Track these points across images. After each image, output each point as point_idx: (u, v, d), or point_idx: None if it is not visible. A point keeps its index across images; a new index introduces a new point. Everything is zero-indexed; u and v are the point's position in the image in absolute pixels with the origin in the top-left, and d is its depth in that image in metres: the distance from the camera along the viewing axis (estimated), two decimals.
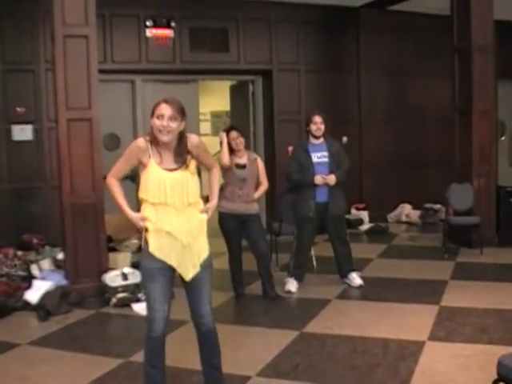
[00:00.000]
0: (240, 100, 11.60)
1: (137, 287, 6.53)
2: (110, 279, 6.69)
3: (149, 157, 3.84)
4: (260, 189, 6.73)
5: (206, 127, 14.66)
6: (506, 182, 10.45)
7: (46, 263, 7.29)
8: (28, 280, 6.87)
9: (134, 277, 6.63)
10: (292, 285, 6.98)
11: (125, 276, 6.71)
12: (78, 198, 6.78)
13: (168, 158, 3.86)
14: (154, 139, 3.85)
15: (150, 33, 9.69)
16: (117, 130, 9.80)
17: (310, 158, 6.85)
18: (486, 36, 8.85)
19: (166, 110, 3.76)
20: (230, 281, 6.82)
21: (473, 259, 8.29)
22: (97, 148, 6.86)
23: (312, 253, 7.67)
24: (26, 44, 8.87)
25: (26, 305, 6.41)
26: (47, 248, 7.84)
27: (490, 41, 8.90)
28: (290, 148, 8.31)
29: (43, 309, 6.21)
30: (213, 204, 4.12)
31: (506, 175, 11.70)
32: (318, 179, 6.76)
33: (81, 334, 5.79)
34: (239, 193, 6.55)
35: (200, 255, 3.92)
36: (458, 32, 9.01)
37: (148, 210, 3.87)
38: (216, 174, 4.25)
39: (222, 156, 6.44)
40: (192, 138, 3.94)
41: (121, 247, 7.81)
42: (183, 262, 3.86)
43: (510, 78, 12.17)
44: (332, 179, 6.78)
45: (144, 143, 3.87)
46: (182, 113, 3.82)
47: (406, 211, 11.40)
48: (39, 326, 6.02)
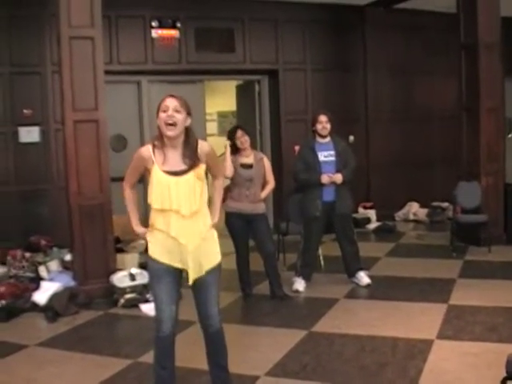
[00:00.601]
0: (246, 100, 11.60)
1: (145, 288, 6.53)
2: (117, 280, 6.70)
3: (152, 163, 3.84)
4: (267, 188, 6.71)
5: (212, 127, 14.68)
6: None
7: (53, 264, 7.30)
8: (36, 281, 6.89)
9: (142, 277, 6.64)
10: (300, 284, 6.98)
11: (133, 277, 6.72)
12: (85, 199, 6.78)
13: (175, 158, 3.85)
14: (160, 139, 3.86)
15: (155, 33, 9.70)
16: (123, 131, 9.82)
17: (317, 157, 6.84)
18: (493, 33, 8.81)
19: (170, 102, 3.82)
20: (237, 281, 6.82)
21: (481, 257, 8.27)
22: (104, 149, 6.86)
23: (319, 252, 7.67)
24: (32, 46, 8.89)
25: (35, 306, 6.42)
26: (55, 249, 7.86)
27: (496, 38, 8.87)
28: (296, 147, 8.30)
29: (51, 310, 6.22)
30: (213, 222, 4.06)
31: None
32: (325, 178, 6.75)
33: (89, 334, 5.79)
34: (246, 193, 6.53)
35: (207, 261, 3.90)
36: (464, 29, 8.99)
37: (154, 216, 3.89)
38: (219, 187, 4.25)
39: (225, 168, 6.37)
40: (203, 144, 3.95)
41: (128, 248, 7.82)
42: (188, 266, 3.85)
43: None
44: (339, 178, 6.77)
45: (147, 151, 3.89)
46: (187, 107, 3.86)
47: (414, 209, 11.38)
48: (47, 327, 6.03)
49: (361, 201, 10.97)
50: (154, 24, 9.66)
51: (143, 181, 4.19)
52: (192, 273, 3.85)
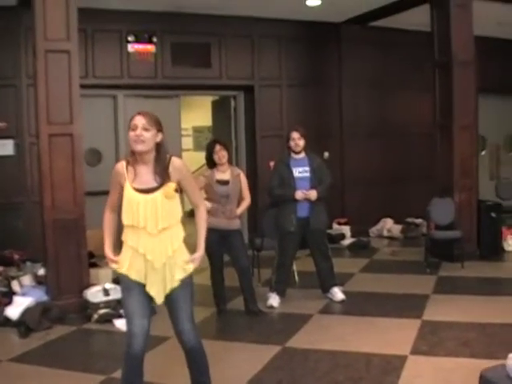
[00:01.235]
0: (222, 115, 11.61)
1: (118, 303, 6.47)
2: (91, 295, 6.65)
3: (124, 179, 3.84)
4: (242, 205, 6.70)
5: (187, 142, 14.66)
6: (487, 196, 10.53)
7: (26, 279, 7.22)
8: (9, 296, 6.79)
9: (116, 292, 6.58)
10: (274, 300, 6.97)
11: (106, 292, 6.68)
12: (59, 213, 6.73)
13: (147, 175, 3.84)
14: (132, 155, 3.86)
15: (131, 48, 9.70)
16: (98, 145, 9.77)
17: (292, 173, 6.86)
18: (467, 51, 8.92)
19: (139, 120, 3.80)
20: (211, 296, 6.79)
21: (454, 273, 8.32)
22: (78, 163, 6.82)
23: (294, 267, 7.67)
24: (7, 59, 8.84)
25: (7, 321, 6.34)
26: (28, 264, 7.79)
27: (470, 56, 8.97)
28: (271, 163, 8.32)
29: (24, 325, 6.15)
30: (199, 254, 4.01)
31: (487, 189, 11.76)
32: (299, 194, 6.77)
33: (62, 350, 5.74)
34: (222, 209, 6.50)
35: (172, 279, 3.86)
36: (438, 47, 9.09)
37: (126, 232, 3.89)
38: (202, 216, 4.12)
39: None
40: (175, 160, 3.91)
41: (102, 263, 7.75)
42: (154, 284, 3.84)
43: (490, 92, 12.28)
44: (313, 195, 6.79)
45: (121, 167, 3.90)
46: (157, 124, 3.84)
47: (388, 226, 11.43)
48: (20, 342, 5.96)
49: (335, 216, 10.98)
50: (130, 38, 9.65)
51: None
52: (155, 294, 3.85)
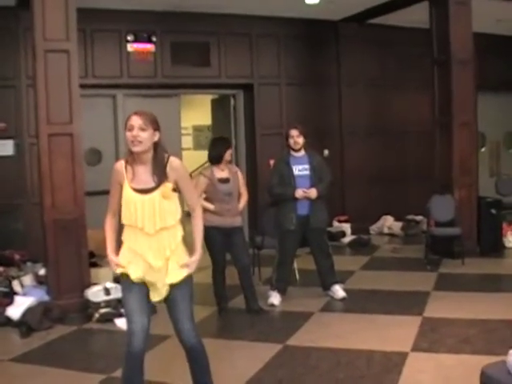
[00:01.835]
0: (221, 114, 11.61)
1: (119, 302, 6.46)
2: (92, 294, 6.65)
3: (123, 178, 3.84)
4: (242, 201, 6.71)
5: (187, 141, 14.66)
6: (486, 193, 10.51)
7: (27, 279, 7.22)
8: (10, 296, 6.80)
9: (117, 292, 6.58)
10: (275, 298, 6.97)
11: (107, 291, 6.68)
12: (59, 213, 6.73)
13: (144, 175, 3.83)
14: (130, 155, 3.85)
15: (131, 47, 9.69)
16: (98, 144, 9.77)
17: (292, 171, 6.86)
18: (465, 49, 8.92)
19: (135, 120, 3.78)
20: (212, 294, 6.79)
21: (455, 270, 8.33)
22: (78, 163, 6.82)
23: (295, 266, 7.66)
24: (7, 60, 8.83)
25: (8, 321, 6.35)
26: (29, 264, 7.78)
27: (469, 54, 8.97)
28: (271, 161, 8.32)
29: (25, 325, 6.16)
30: (196, 258, 3.94)
31: (487, 186, 11.76)
32: (299, 193, 6.77)
33: (63, 349, 5.75)
34: (227, 207, 6.51)
35: (173, 277, 3.84)
36: (437, 45, 9.09)
37: (125, 231, 3.89)
38: (199, 220, 4.04)
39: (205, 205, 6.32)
40: (173, 160, 3.87)
41: (103, 262, 7.75)
42: (154, 284, 3.85)
43: (490, 89, 12.28)
44: (313, 193, 6.79)
45: (120, 166, 3.89)
46: (153, 123, 3.82)
47: (388, 223, 11.43)
48: (21, 342, 5.97)
49: (336, 214, 10.98)
50: (129, 38, 9.65)
51: None
52: (155, 294, 3.87)
